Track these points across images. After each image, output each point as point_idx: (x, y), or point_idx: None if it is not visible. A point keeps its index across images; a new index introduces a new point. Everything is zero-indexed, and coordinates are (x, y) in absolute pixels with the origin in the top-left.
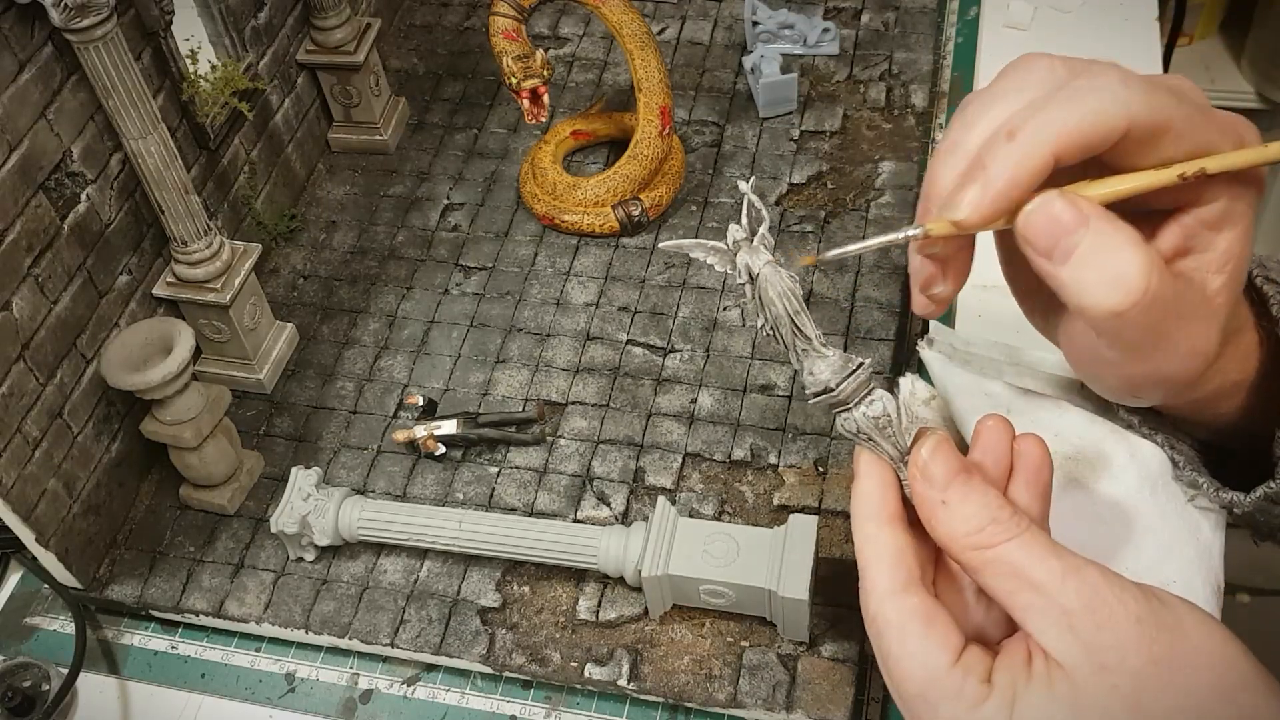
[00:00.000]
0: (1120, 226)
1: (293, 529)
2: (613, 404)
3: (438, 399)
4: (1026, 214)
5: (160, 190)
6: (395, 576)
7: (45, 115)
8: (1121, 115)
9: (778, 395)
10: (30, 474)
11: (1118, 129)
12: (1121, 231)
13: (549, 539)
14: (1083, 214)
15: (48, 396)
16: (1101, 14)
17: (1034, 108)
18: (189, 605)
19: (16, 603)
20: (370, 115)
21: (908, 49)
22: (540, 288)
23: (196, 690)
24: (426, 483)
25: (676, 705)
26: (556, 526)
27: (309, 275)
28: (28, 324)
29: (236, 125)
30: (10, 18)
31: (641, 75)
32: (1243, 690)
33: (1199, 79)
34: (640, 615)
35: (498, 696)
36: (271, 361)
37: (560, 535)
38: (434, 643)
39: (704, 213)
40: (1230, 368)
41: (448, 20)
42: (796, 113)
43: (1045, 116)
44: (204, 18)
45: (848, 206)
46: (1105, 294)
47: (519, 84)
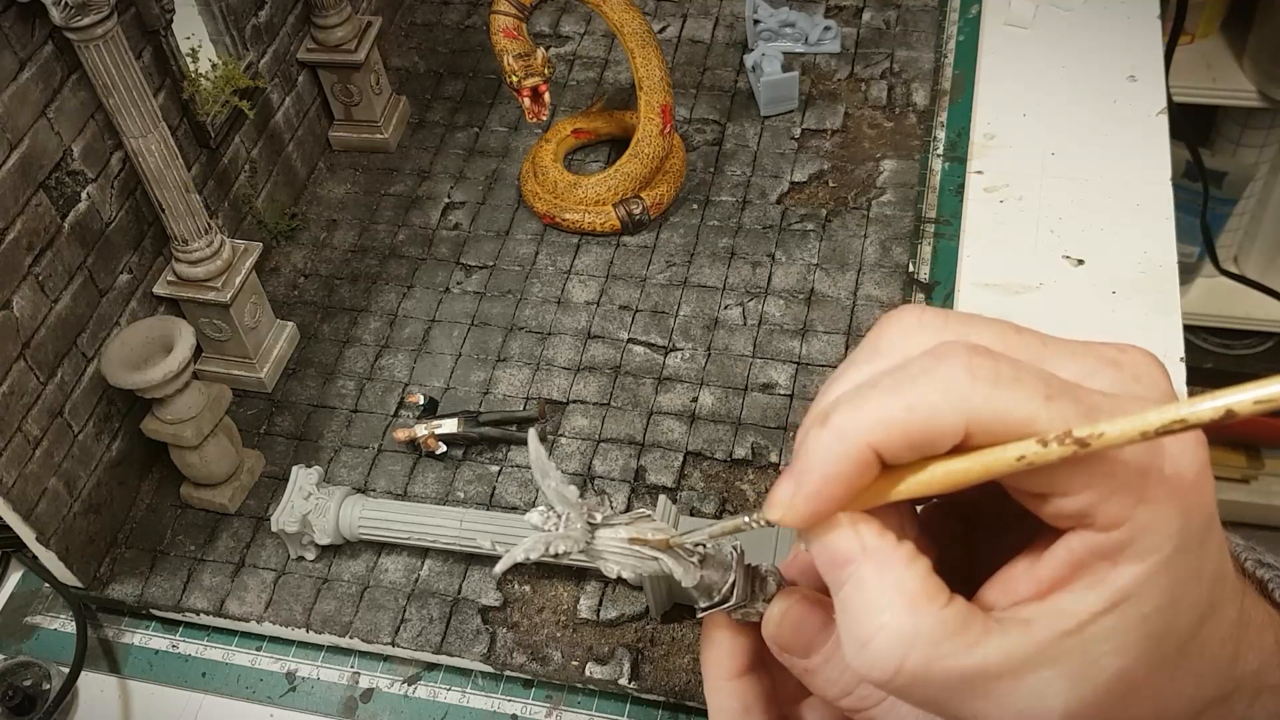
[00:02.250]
0: (891, 573)
1: (294, 528)
2: (614, 403)
3: (439, 398)
4: (816, 532)
5: (161, 189)
6: (396, 575)
7: (46, 114)
8: (954, 415)
9: (779, 394)
10: (31, 473)
11: (951, 428)
12: (887, 582)
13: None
14: (852, 547)
15: (48, 395)
16: (1103, 12)
17: (858, 390)
18: (190, 604)
19: (17, 602)
20: (371, 114)
21: (909, 47)
22: (541, 286)
23: (197, 689)
24: (427, 481)
25: (678, 704)
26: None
27: (310, 274)
28: (28, 323)
29: (237, 124)
30: (10, 16)
31: (643, 73)
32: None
33: (1200, 78)
34: (641, 614)
35: (499, 696)
36: (272, 360)
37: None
38: (435, 642)
39: (705, 211)
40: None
41: (449, 18)
42: (798, 111)
43: (861, 403)
44: (204, 16)
45: (849, 205)
46: (852, 657)
47: (520, 82)
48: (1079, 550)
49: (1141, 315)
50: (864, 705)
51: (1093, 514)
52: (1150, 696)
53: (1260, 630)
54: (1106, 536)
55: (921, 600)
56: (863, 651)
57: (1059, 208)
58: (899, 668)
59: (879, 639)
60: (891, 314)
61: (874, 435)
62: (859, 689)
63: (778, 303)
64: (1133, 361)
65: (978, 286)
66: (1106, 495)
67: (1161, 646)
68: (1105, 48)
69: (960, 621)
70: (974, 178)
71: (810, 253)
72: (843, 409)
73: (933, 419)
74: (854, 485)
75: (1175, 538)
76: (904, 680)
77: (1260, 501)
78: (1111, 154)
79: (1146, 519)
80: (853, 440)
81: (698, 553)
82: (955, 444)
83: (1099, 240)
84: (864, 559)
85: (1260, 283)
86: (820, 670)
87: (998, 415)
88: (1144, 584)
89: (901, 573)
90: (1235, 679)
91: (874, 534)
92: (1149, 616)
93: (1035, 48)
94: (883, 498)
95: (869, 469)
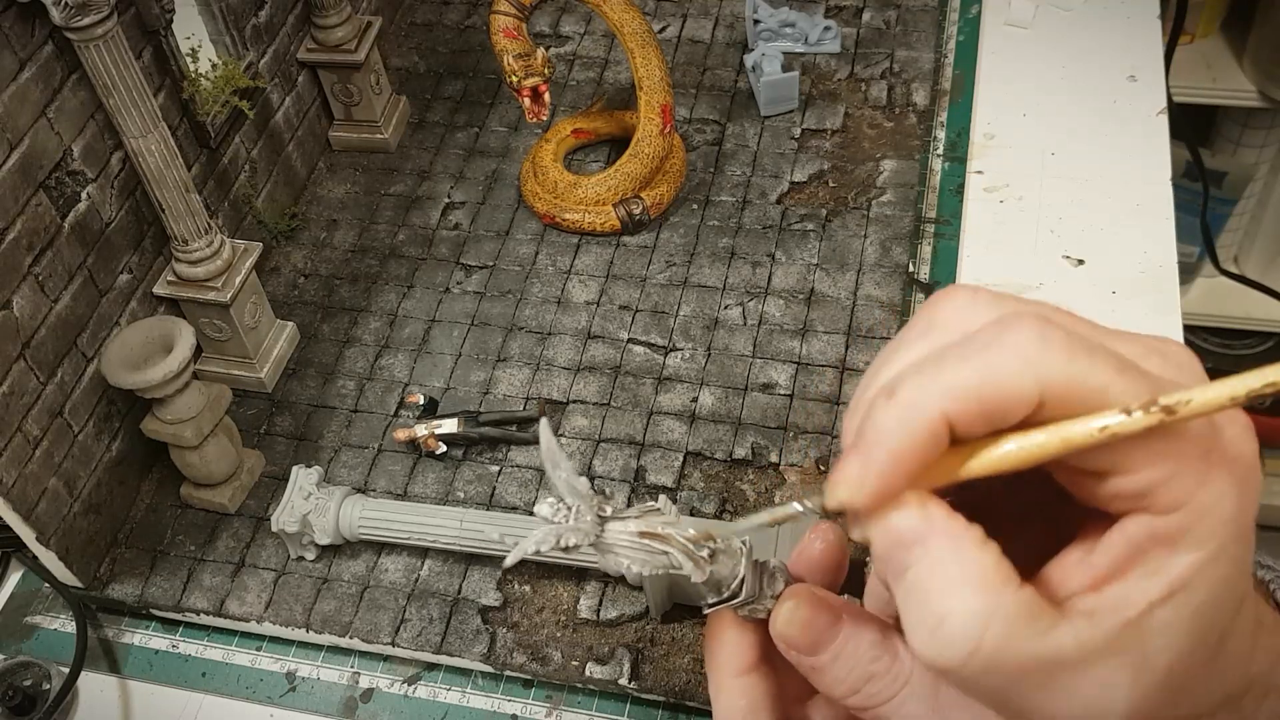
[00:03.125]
0: (964, 553)
1: (294, 528)
2: (614, 403)
3: (439, 398)
4: (879, 515)
5: (161, 189)
6: (396, 575)
7: (46, 114)
8: (1029, 382)
9: (779, 394)
10: (31, 473)
11: (1024, 398)
12: (961, 561)
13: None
14: (920, 528)
15: (48, 395)
16: (1103, 12)
17: (925, 361)
18: (190, 604)
19: (17, 602)
20: (371, 114)
21: (909, 47)
22: (541, 286)
23: (197, 689)
24: (427, 481)
25: (678, 704)
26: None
27: (310, 274)
28: (28, 323)
29: (237, 124)
30: (11, 16)
31: (642, 73)
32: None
33: (1200, 77)
34: (641, 614)
35: (499, 695)
36: (272, 360)
37: None
38: (435, 642)
39: (705, 211)
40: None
41: (448, 18)
42: (798, 111)
43: (932, 373)
44: (204, 16)
45: (849, 205)
46: (922, 642)
47: (520, 82)
48: (1137, 536)
49: (1141, 315)
50: (871, 704)
51: (1153, 494)
52: (1190, 692)
53: (1270, 631)
54: (1165, 521)
55: (998, 582)
56: (936, 633)
57: (1059, 208)
58: (975, 649)
59: (954, 620)
60: (942, 292)
61: (947, 405)
62: (867, 687)
63: (778, 303)
64: (1175, 352)
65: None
66: (1171, 474)
67: (1207, 640)
68: (1105, 48)
69: (1035, 607)
70: (974, 178)
71: (810, 253)
72: (911, 380)
73: (1007, 385)
74: (926, 460)
75: (1231, 524)
76: (978, 665)
77: (1260, 501)
78: (1111, 154)
79: (1207, 501)
80: (925, 411)
81: (707, 548)
82: (1027, 414)
83: (1099, 240)
84: (935, 539)
85: (1260, 283)
86: (828, 668)
87: (1073, 382)
88: (1200, 573)
89: (976, 554)
90: (1249, 678)
91: (944, 514)
92: (1202, 608)
93: (1035, 48)
94: (951, 476)
95: (940, 442)
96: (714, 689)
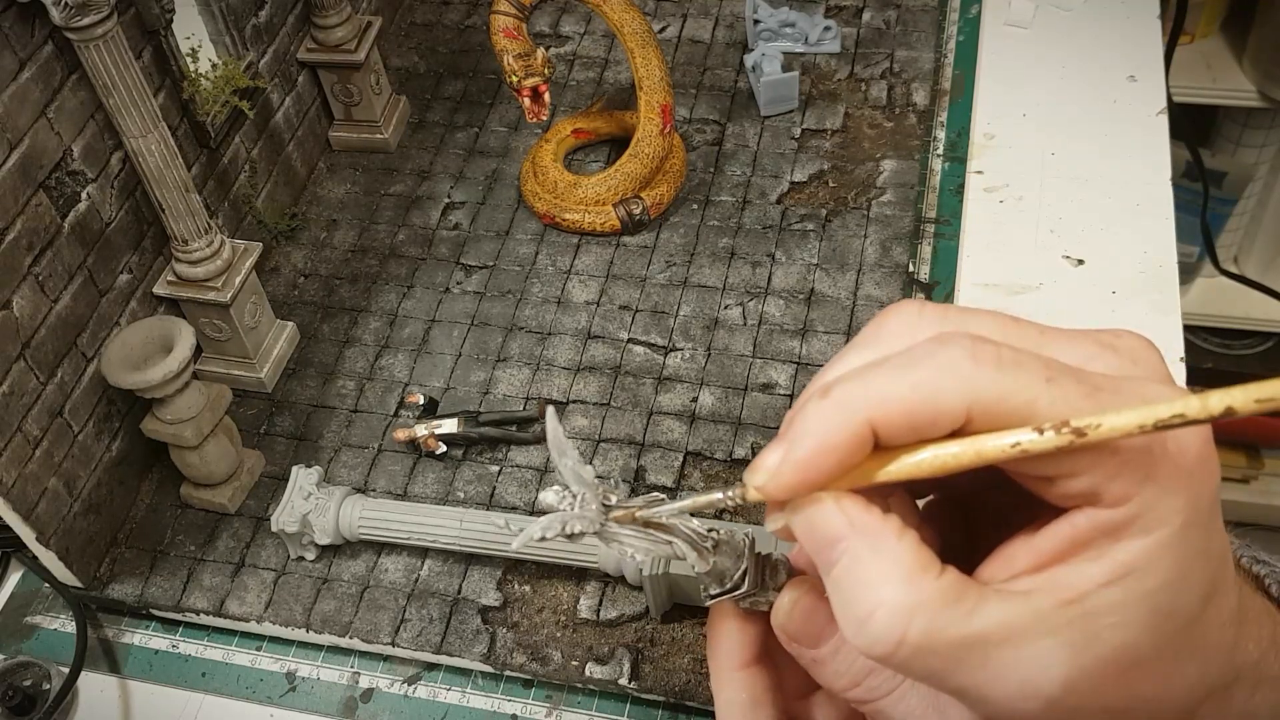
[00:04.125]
0: (883, 546)
1: (293, 528)
2: (614, 403)
3: (438, 398)
4: (798, 509)
5: (161, 189)
6: (396, 575)
7: (45, 114)
8: (956, 398)
9: (779, 394)
10: (31, 473)
11: (950, 413)
12: (880, 555)
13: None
14: (839, 524)
15: (48, 395)
16: (1103, 12)
17: (863, 369)
18: (190, 604)
19: (17, 602)
20: (371, 114)
21: (909, 47)
22: (541, 286)
23: (197, 689)
24: (427, 481)
25: (678, 704)
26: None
27: (310, 274)
28: (28, 323)
29: (237, 124)
30: (10, 16)
31: (642, 73)
32: None
33: (1200, 77)
34: (641, 614)
35: (499, 696)
36: (272, 360)
37: None
38: (435, 642)
39: (705, 211)
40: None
41: (448, 18)
42: (798, 111)
43: (866, 380)
44: (204, 16)
45: (849, 205)
46: (852, 635)
47: (520, 82)
48: (1083, 526)
49: (1141, 315)
50: (873, 696)
51: (1099, 493)
52: (1153, 675)
53: (1259, 621)
54: (1112, 512)
55: (916, 572)
56: (863, 628)
57: (1059, 208)
58: (901, 640)
59: (879, 614)
60: (892, 307)
61: (875, 410)
62: (868, 680)
63: (778, 303)
64: (1129, 346)
65: (978, 286)
66: (1112, 475)
67: (1166, 624)
68: (1105, 48)
69: (956, 591)
70: (974, 178)
71: (810, 253)
72: (845, 384)
73: (935, 399)
74: (846, 460)
75: (1182, 512)
76: (906, 653)
77: (1260, 501)
78: (1111, 154)
79: (1153, 495)
80: (853, 412)
81: (710, 539)
82: (954, 428)
83: (1099, 240)
84: (854, 536)
85: (1260, 283)
86: (829, 661)
87: (1001, 398)
88: (1150, 558)
89: (894, 546)
90: (1236, 667)
91: (860, 510)
92: (1155, 592)
93: (1035, 48)
94: (868, 479)
95: (864, 445)
96: (715, 683)
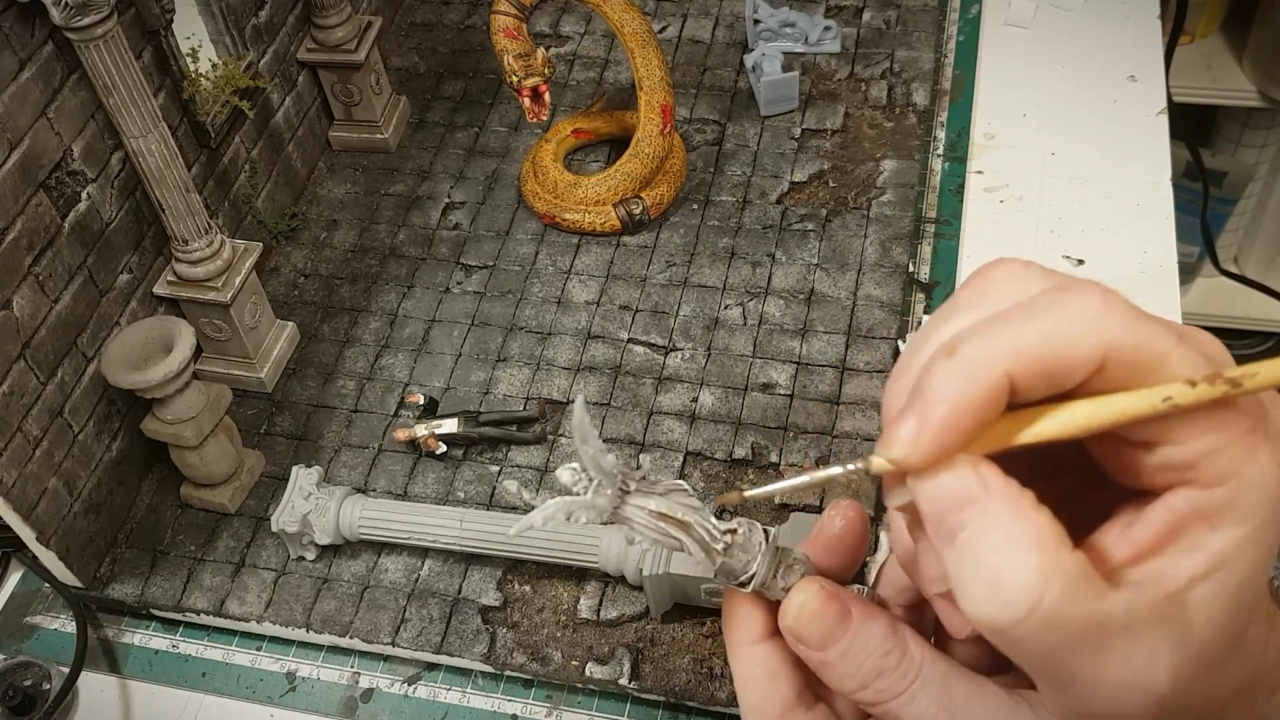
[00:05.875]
0: (1022, 513)
1: (294, 528)
2: (614, 403)
3: (439, 398)
4: (925, 477)
5: (161, 189)
6: (396, 575)
7: (46, 114)
8: (1094, 340)
9: (779, 394)
10: (31, 473)
11: (1088, 357)
12: (1020, 520)
13: (550, 538)
14: (975, 488)
15: (48, 395)
16: (1103, 12)
17: (986, 322)
18: (190, 604)
19: (17, 602)
20: (371, 114)
21: (909, 47)
22: (541, 286)
23: (197, 689)
24: (427, 481)
25: (678, 704)
26: (557, 525)
27: (310, 274)
28: (29, 323)
29: (237, 124)
30: (11, 16)
31: (643, 73)
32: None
33: (1200, 77)
34: (641, 614)
35: (499, 695)
36: (272, 360)
37: (561, 534)
38: (435, 642)
39: (705, 211)
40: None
41: (449, 18)
42: (798, 111)
43: (994, 333)
44: (205, 16)
45: (849, 205)
46: (978, 602)
47: (520, 82)
48: (1180, 510)
49: None
50: (881, 699)
51: (1199, 466)
52: (1219, 672)
53: (1278, 626)
54: (1209, 495)
55: (1054, 542)
56: (994, 592)
57: (1059, 208)
58: (1034, 607)
59: (1013, 577)
60: (994, 263)
61: (1010, 363)
62: (876, 682)
63: (778, 303)
64: (1207, 340)
65: None
66: (1219, 445)
67: (1240, 619)
68: (1105, 48)
69: (1088, 570)
70: (974, 178)
71: (810, 253)
72: (972, 339)
73: (1070, 346)
74: (985, 419)
75: (1273, 501)
76: (1035, 623)
77: None
78: (1111, 154)
79: (1251, 476)
80: (987, 368)
81: (724, 540)
82: (1088, 375)
83: (1099, 240)
84: (991, 500)
85: (1260, 283)
86: (836, 663)
87: (1136, 347)
88: (1241, 550)
89: (1032, 514)
90: (1263, 669)
91: (998, 476)
92: (1240, 587)
93: (1035, 48)
94: (1005, 442)
95: (1000, 402)
96: (732, 658)
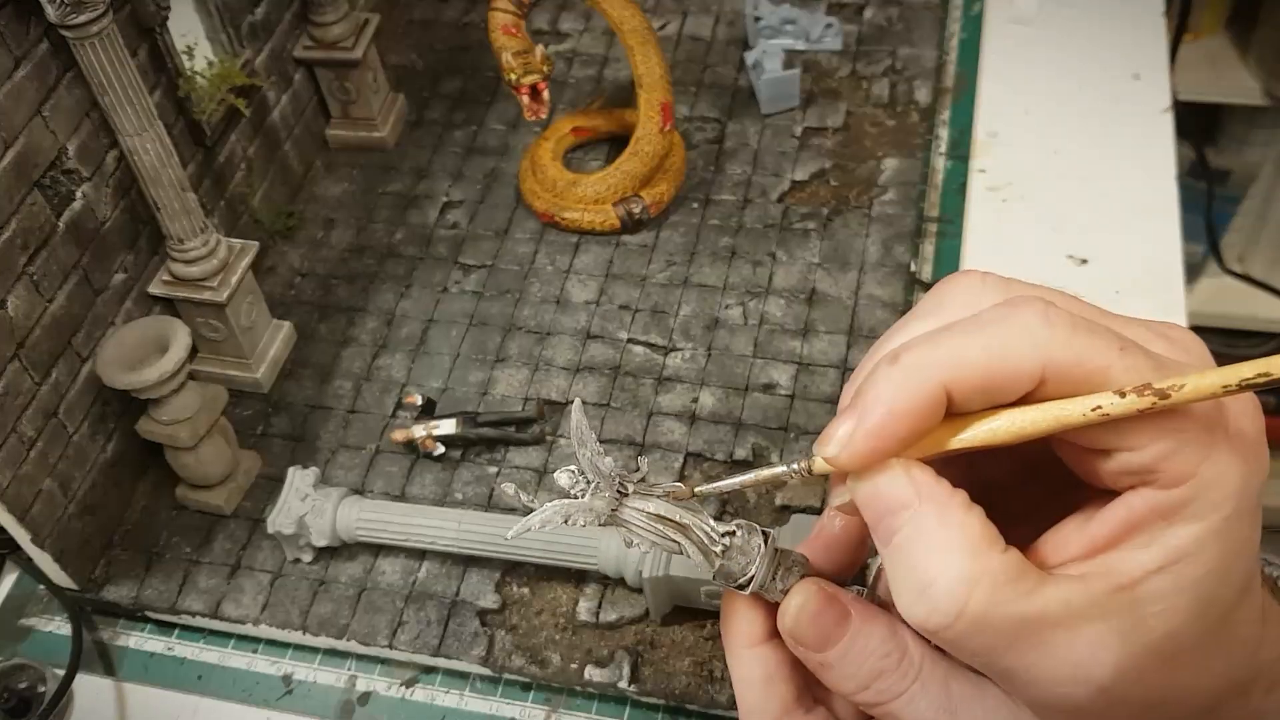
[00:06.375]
0: (950, 517)
1: (290, 529)
2: (613, 403)
3: (436, 398)
4: (863, 479)
5: (156, 188)
6: (393, 577)
7: (41, 112)
8: (1033, 355)
9: (780, 394)
10: (25, 474)
11: (1027, 371)
12: (947, 524)
13: (549, 540)
14: (907, 492)
15: (43, 396)
16: (1106, 9)
17: (932, 334)
18: (186, 606)
19: (12, 604)
20: (368, 112)
21: (911, 45)
22: (540, 286)
23: (193, 692)
24: (425, 483)
25: (677, 708)
26: (556, 528)
27: (306, 273)
28: (23, 323)
29: (233, 122)
30: (6, 14)
31: (642, 71)
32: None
33: (1204, 75)
34: (641, 617)
35: (497, 699)
36: (269, 360)
37: (560, 536)
38: (432, 644)
39: (705, 210)
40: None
41: (446, 16)
42: (799, 109)
43: (940, 342)
44: (200, 14)
45: (850, 204)
46: (910, 605)
47: (519, 80)
48: (1138, 508)
49: (1146, 315)
50: (881, 700)
51: (1157, 469)
52: (1189, 666)
53: (1276, 622)
54: (1168, 494)
55: (983, 545)
56: (923, 596)
57: (1062, 207)
58: (962, 611)
59: (942, 582)
60: (952, 276)
61: (949, 374)
62: (876, 683)
63: (779, 302)
64: (1181, 336)
65: None
66: (1175, 449)
67: (1207, 614)
68: (1109, 45)
69: (1019, 568)
70: (976, 176)
71: (811, 252)
72: (916, 348)
73: (1010, 360)
74: (920, 426)
75: (1235, 498)
76: (964, 625)
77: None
78: (1115, 152)
79: (1211, 475)
80: (926, 376)
81: (723, 543)
82: (1028, 390)
83: (1103, 240)
84: (921, 504)
85: (1266, 282)
86: (836, 665)
87: (1076, 361)
88: (1200, 545)
89: (961, 517)
90: (1257, 666)
91: (929, 479)
92: (1201, 580)
93: (1038, 45)
94: (940, 447)
95: (937, 410)
96: (730, 661)
